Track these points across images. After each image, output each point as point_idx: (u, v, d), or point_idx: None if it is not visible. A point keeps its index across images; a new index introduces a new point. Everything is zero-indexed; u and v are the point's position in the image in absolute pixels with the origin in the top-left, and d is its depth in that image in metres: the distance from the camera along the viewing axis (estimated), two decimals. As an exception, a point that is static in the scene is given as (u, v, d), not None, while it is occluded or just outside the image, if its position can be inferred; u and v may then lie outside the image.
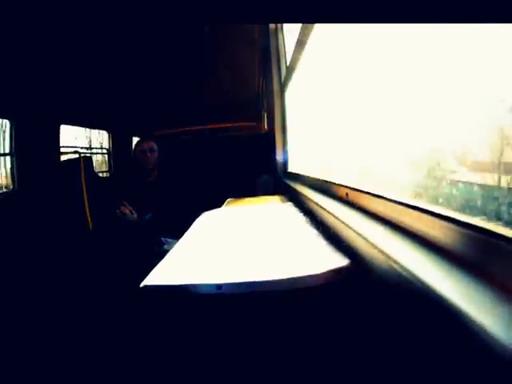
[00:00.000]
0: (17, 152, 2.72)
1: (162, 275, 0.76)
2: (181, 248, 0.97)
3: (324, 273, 0.68)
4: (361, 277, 0.65)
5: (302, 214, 1.24)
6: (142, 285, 0.72)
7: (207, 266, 0.79)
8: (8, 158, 2.75)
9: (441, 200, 0.75)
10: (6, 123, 2.71)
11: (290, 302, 0.69)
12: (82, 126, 3.98)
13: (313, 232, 0.98)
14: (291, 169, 2.31)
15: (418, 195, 0.80)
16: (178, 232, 1.18)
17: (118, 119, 4.35)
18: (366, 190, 0.84)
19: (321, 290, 0.68)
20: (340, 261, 0.71)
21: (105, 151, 4.50)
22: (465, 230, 0.46)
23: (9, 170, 2.84)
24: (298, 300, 0.69)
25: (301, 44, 1.72)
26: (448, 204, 0.72)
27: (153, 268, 0.81)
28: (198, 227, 1.24)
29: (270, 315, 0.71)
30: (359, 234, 0.66)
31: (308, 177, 1.62)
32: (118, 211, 2.23)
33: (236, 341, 0.72)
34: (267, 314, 0.71)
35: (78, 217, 2.64)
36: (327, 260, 0.73)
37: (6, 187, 2.89)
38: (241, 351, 0.71)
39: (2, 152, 2.88)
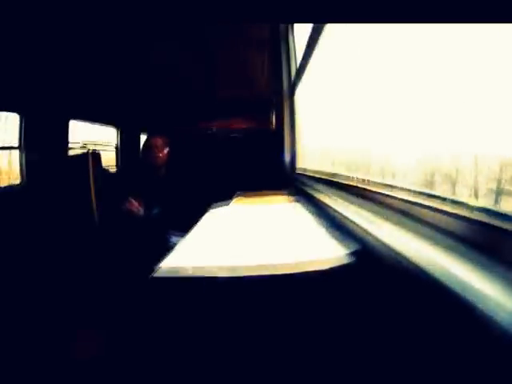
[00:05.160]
0: (25, 146, 2.75)
1: (170, 267, 0.76)
2: (190, 240, 0.98)
3: (334, 266, 0.68)
4: (369, 269, 0.65)
5: (309, 208, 1.24)
6: (151, 276, 0.72)
7: (216, 258, 0.79)
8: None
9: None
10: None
11: (300, 294, 0.70)
12: (90, 122, 4.00)
13: (321, 226, 0.98)
14: (302, 165, 2.31)
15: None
16: (185, 227, 1.18)
17: (127, 115, 4.38)
18: (373, 184, 0.84)
19: (330, 282, 0.69)
20: (349, 254, 0.72)
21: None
22: (470, 225, 0.46)
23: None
24: (308, 292, 0.69)
25: (311, 44, 1.72)
26: None
27: (160, 262, 0.82)
28: (206, 221, 1.24)
29: (276, 308, 0.71)
30: (367, 228, 0.66)
31: (316, 172, 1.62)
32: (124, 206, 2.24)
33: (242, 334, 0.72)
34: (273, 308, 0.71)
35: (85, 212, 2.66)
36: (336, 253, 0.73)
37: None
38: (248, 343, 0.72)
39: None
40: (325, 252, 0.73)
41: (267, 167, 2.81)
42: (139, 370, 0.99)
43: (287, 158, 2.53)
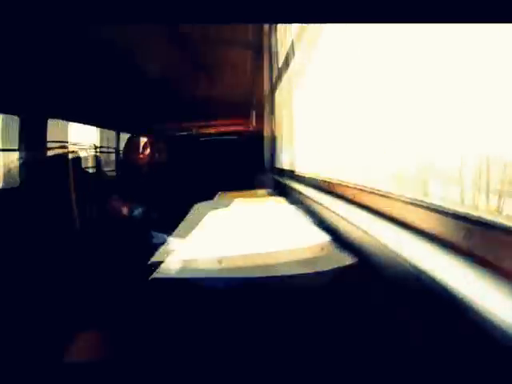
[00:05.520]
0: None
1: (160, 266, 0.77)
2: (177, 240, 0.98)
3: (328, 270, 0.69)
4: (356, 265, 0.67)
5: (288, 205, 1.27)
6: (150, 278, 0.73)
7: (211, 258, 0.80)
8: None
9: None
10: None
11: (296, 297, 0.70)
12: (72, 121, 3.91)
13: (302, 223, 1.01)
14: (282, 165, 2.34)
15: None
16: (168, 226, 1.19)
17: (108, 114, 4.31)
18: (346, 181, 0.88)
19: (323, 282, 0.69)
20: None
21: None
22: (473, 226, 0.45)
23: None
24: (305, 295, 0.70)
25: (293, 45, 1.75)
26: None
27: (143, 261, 0.82)
28: (191, 220, 1.25)
29: (274, 310, 0.71)
30: (343, 218, 0.70)
31: (293, 171, 1.66)
32: (108, 206, 2.23)
33: (241, 335, 0.73)
34: (272, 309, 0.72)
35: (66, 213, 2.62)
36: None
37: None
38: (241, 345, 0.72)
39: None
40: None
41: (248, 166, 2.83)
42: (135, 372, 0.99)
43: (267, 157, 2.56)
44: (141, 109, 4.49)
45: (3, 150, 2.72)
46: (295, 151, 1.86)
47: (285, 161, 2.26)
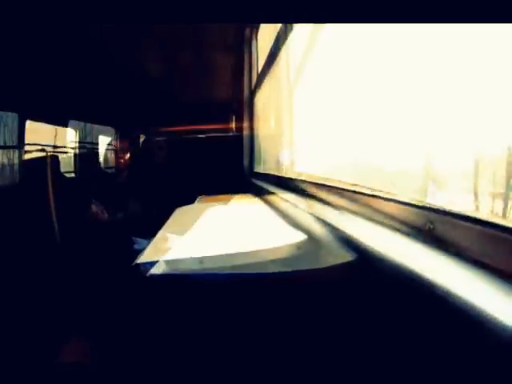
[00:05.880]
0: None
1: (165, 265, 0.78)
2: (160, 242, 0.99)
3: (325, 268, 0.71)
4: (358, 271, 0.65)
5: (266, 208, 1.31)
6: (148, 274, 0.74)
7: (204, 256, 0.81)
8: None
9: None
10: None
11: (292, 294, 0.72)
12: (48, 123, 3.82)
13: (281, 225, 1.04)
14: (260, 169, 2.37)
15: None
16: (150, 231, 1.20)
17: (89, 116, 4.23)
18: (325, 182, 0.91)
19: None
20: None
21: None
22: (470, 225, 0.45)
23: None
24: (300, 292, 0.72)
25: (272, 52, 1.78)
26: None
27: (125, 266, 0.83)
28: (173, 223, 1.26)
29: (269, 308, 0.73)
30: (320, 221, 0.72)
31: (272, 174, 1.70)
32: (88, 211, 2.21)
33: (237, 330, 0.75)
34: (268, 306, 0.73)
35: (44, 217, 2.57)
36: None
37: None
38: (241, 339, 0.75)
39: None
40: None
41: (228, 171, 2.84)
42: (124, 372, 0.98)
43: (246, 161, 2.59)
44: (122, 112, 4.42)
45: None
46: (276, 155, 1.89)
47: (265, 165, 2.29)
